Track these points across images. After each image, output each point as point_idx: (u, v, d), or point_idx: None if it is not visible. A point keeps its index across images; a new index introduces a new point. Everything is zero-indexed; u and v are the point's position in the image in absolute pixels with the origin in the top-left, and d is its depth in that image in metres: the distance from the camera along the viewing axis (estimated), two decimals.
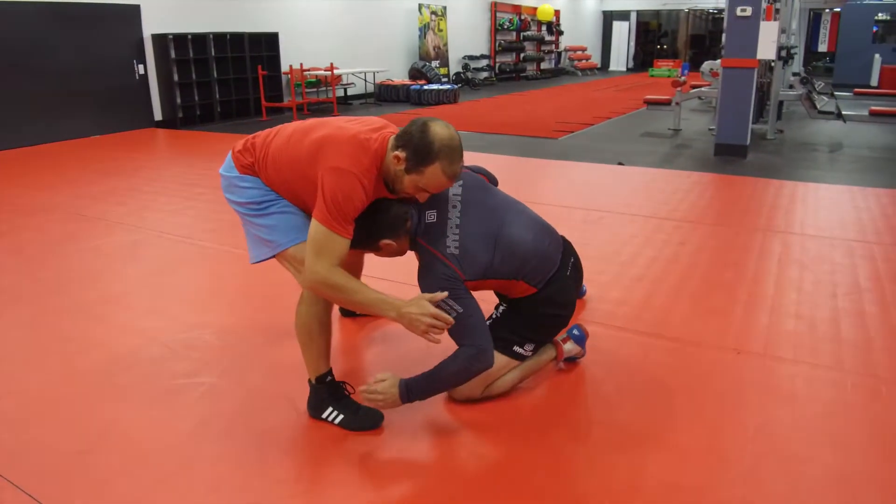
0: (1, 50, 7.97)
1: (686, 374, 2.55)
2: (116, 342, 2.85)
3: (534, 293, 2.26)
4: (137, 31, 9.48)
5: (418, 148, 1.96)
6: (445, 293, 2.04)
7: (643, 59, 25.47)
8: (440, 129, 1.97)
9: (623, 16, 25.18)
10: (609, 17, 25.51)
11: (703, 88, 9.79)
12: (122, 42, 9.36)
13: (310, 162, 2.03)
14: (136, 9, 9.38)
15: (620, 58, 25.30)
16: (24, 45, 8.20)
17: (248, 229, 2.27)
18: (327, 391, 2.23)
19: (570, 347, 2.53)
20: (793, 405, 2.33)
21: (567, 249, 2.43)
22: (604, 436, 2.17)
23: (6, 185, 5.99)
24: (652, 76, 20.73)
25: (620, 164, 6.55)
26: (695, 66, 16.85)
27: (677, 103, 8.89)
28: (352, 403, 2.24)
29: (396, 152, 1.98)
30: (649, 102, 9.34)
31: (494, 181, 2.53)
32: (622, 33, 25.24)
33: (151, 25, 9.58)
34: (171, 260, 3.95)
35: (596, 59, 24.52)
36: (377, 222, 2.11)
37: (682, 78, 10.87)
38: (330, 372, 2.27)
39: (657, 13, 26.35)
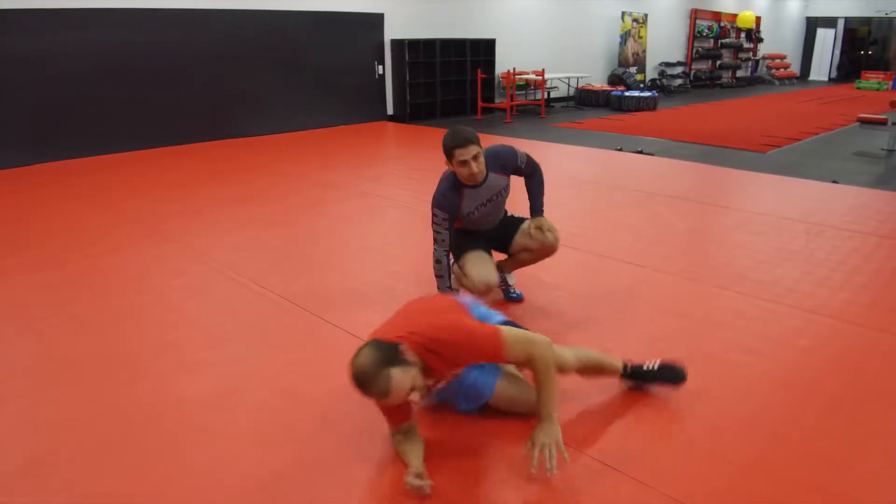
0: (274, 50, 9.72)
1: None
2: None
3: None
4: (380, 36, 10.93)
5: None
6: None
7: (848, 69, 24.13)
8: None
9: (829, 22, 23.98)
10: (813, 24, 24.40)
11: None
12: (367, 46, 10.85)
13: None
14: (380, 17, 10.82)
15: (823, 67, 24.12)
16: (289, 46, 9.90)
17: None
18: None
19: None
20: None
21: None
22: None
23: (298, 163, 7.46)
24: (858, 88, 19.72)
25: (835, 181, 6.86)
26: None
27: (893, 123, 8.85)
28: None
29: None
30: (863, 121, 9.34)
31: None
32: (826, 41, 24.02)
33: (392, 31, 10.99)
34: None
35: (795, 68, 23.61)
36: None
37: None
38: None
39: (868, 20, 24.80)
